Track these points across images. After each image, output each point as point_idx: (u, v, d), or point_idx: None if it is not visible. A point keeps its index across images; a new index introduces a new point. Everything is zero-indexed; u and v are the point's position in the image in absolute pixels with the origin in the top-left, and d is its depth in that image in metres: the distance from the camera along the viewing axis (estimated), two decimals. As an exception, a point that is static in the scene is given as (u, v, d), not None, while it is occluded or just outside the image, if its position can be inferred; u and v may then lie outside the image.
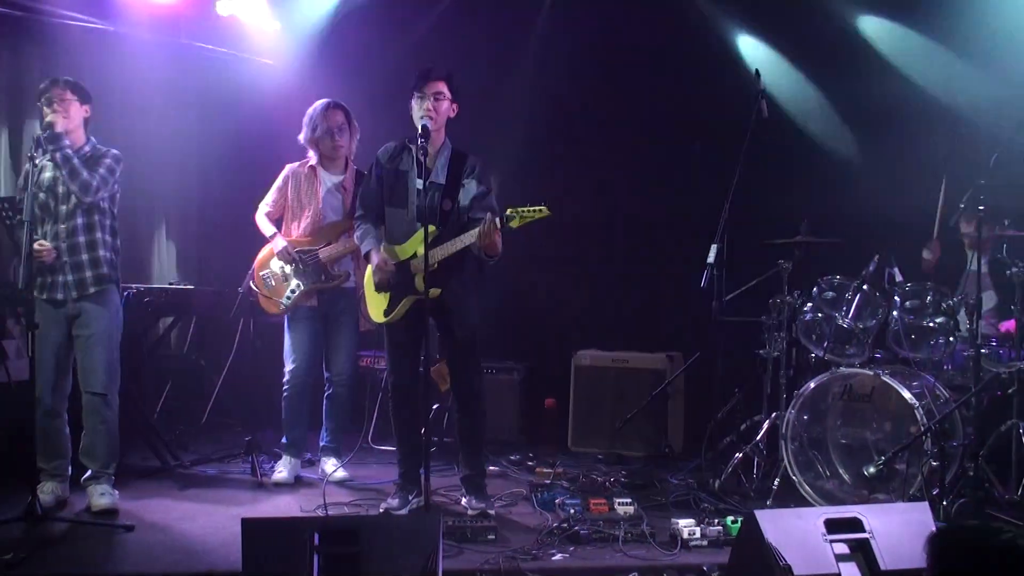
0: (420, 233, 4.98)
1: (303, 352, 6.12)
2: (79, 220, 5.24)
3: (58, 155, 5.14)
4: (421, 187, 5.07)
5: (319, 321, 6.14)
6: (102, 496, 5.21)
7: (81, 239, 5.24)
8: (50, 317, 5.18)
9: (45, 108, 5.22)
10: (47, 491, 5.22)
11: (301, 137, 6.17)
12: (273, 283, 6.12)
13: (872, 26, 7.36)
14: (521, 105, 8.12)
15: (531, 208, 4.92)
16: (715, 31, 7.70)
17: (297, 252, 6.03)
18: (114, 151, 5.40)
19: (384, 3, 8.31)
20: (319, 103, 6.18)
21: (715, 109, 7.30)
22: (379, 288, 5.35)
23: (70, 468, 5.39)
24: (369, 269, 5.44)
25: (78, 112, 5.30)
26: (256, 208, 6.27)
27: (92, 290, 5.24)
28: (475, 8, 8.15)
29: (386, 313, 5.32)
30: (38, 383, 5.08)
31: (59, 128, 5.15)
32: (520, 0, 8.19)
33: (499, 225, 4.95)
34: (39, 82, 5.39)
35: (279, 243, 6.09)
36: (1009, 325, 5.62)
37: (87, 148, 5.32)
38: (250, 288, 6.22)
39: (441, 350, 5.83)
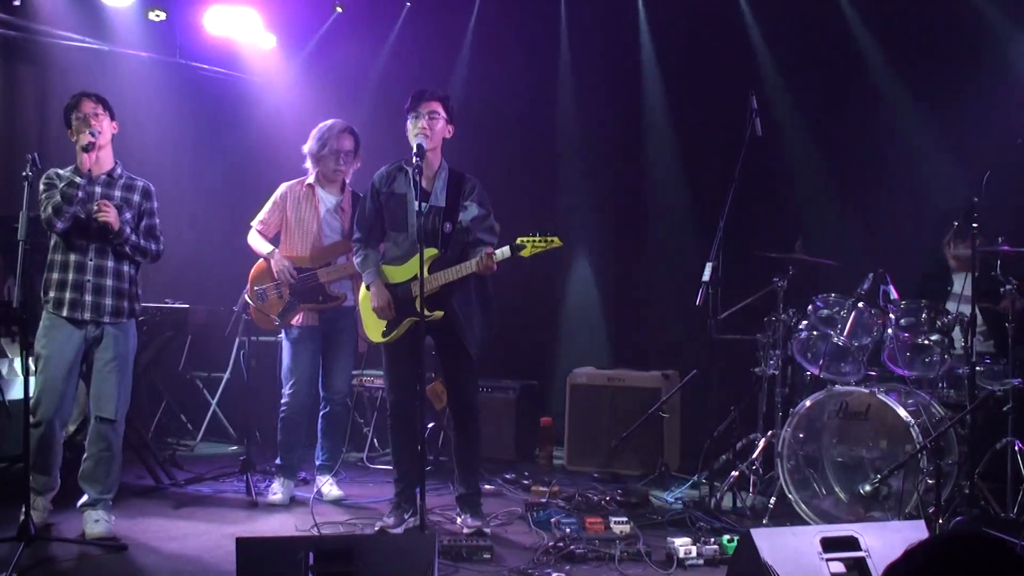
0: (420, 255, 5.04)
1: (304, 373, 6.07)
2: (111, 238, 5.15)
3: (127, 248, 5.14)
4: (419, 209, 5.09)
5: (320, 341, 6.11)
6: (97, 523, 5.08)
7: (109, 264, 5.15)
8: (68, 335, 5.06)
9: (81, 126, 5.08)
10: (39, 507, 5.13)
11: (306, 148, 6.11)
12: (268, 298, 6.09)
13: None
14: (518, 125, 8.14)
15: (543, 239, 5.00)
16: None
17: (296, 270, 6.01)
18: (150, 186, 5.36)
19: (378, 23, 8.34)
20: (335, 122, 6.11)
21: (714, 127, 7.33)
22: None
23: (59, 481, 5.29)
24: (364, 290, 5.45)
25: (109, 128, 5.21)
26: (249, 228, 6.25)
27: (107, 319, 5.13)
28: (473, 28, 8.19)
29: (385, 334, 5.33)
30: (43, 406, 4.97)
31: (115, 224, 5.05)
32: (518, 21, 8.22)
33: (508, 255, 5.04)
34: (34, 102, 5.34)
35: (279, 260, 6.03)
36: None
37: (118, 171, 5.25)
38: (245, 302, 6.18)
39: (438, 368, 5.83)
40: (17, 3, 6.93)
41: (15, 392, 5.85)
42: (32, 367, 4.99)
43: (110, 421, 5.13)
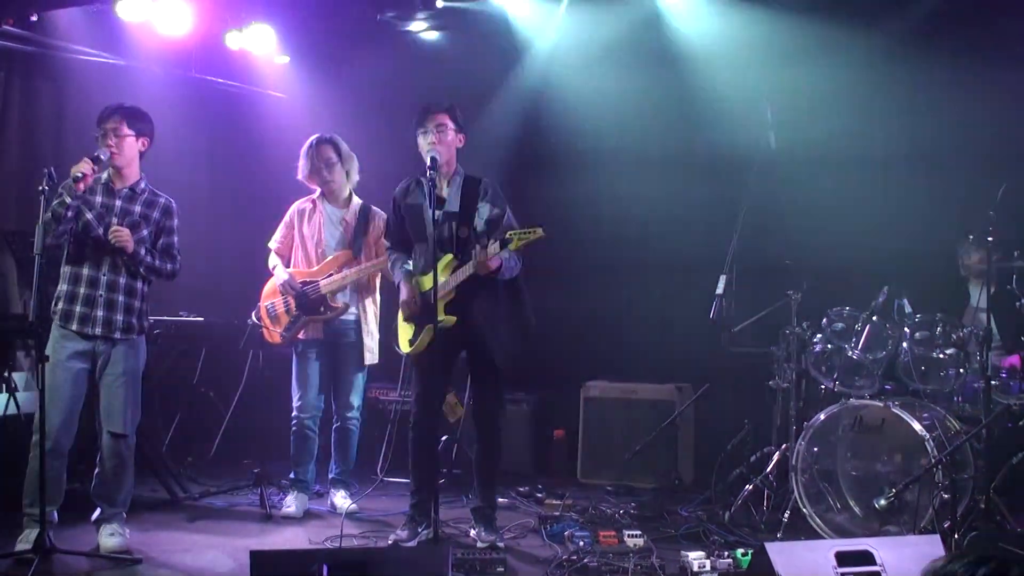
0: (438, 263, 5.10)
1: (310, 386, 6.12)
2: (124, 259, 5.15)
3: (141, 269, 5.16)
4: (434, 218, 5.13)
5: (325, 354, 6.14)
6: (111, 537, 5.08)
7: (122, 280, 5.15)
8: (77, 349, 5.04)
9: (100, 141, 5.10)
10: (28, 540, 4.74)
11: (299, 175, 6.26)
12: (276, 314, 6.16)
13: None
14: (531, 132, 8.14)
15: (526, 230, 5.06)
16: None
17: (300, 283, 6.06)
18: (172, 204, 5.37)
19: (392, 34, 8.36)
20: (312, 137, 6.26)
21: (724, 138, 7.32)
22: (407, 319, 5.39)
23: (56, 515, 5.10)
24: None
25: (132, 147, 5.18)
26: (264, 243, 6.37)
27: (118, 335, 5.11)
28: (482, 35, 8.18)
29: (410, 343, 5.35)
30: (49, 418, 4.85)
31: (130, 249, 5.06)
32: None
33: (499, 249, 5.07)
34: (51, 117, 5.34)
35: (280, 274, 6.16)
36: (1014, 360, 5.60)
37: (142, 185, 5.26)
38: (257, 318, 6.24)
39: (455, 381, 5.86)
40: (34, 19, 6.98)
41: (30, 405, 5.86)
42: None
43: (121, 435, 5.13)
